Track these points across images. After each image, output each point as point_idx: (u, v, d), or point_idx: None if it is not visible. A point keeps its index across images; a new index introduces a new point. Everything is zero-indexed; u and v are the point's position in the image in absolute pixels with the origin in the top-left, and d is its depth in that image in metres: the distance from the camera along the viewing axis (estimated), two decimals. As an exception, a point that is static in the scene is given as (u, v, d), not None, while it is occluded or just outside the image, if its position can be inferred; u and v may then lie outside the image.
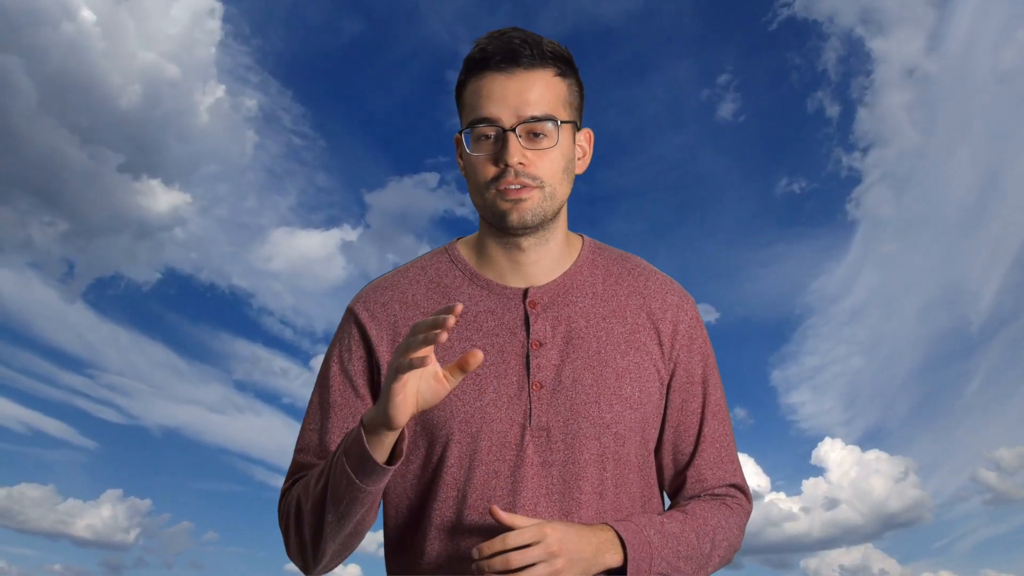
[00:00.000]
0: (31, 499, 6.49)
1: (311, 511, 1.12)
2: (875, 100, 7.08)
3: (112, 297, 7.29)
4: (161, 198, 7.08)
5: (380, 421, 1.00)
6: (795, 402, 7.08)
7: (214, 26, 6.98)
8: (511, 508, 1.13)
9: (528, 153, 1.16)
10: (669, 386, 1.27)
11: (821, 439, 6.87)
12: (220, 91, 7.12)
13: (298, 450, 1.25)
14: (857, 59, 7.03)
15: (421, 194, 7.10)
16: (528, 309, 1.22)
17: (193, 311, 7.40)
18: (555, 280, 1.25)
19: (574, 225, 1.34)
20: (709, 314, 6.34)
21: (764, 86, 7.36)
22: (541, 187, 1.17)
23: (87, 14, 6.64)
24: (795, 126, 7.31)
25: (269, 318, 7.26)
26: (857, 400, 7.28)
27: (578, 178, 1.27)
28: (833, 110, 7.07)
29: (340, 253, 7.32)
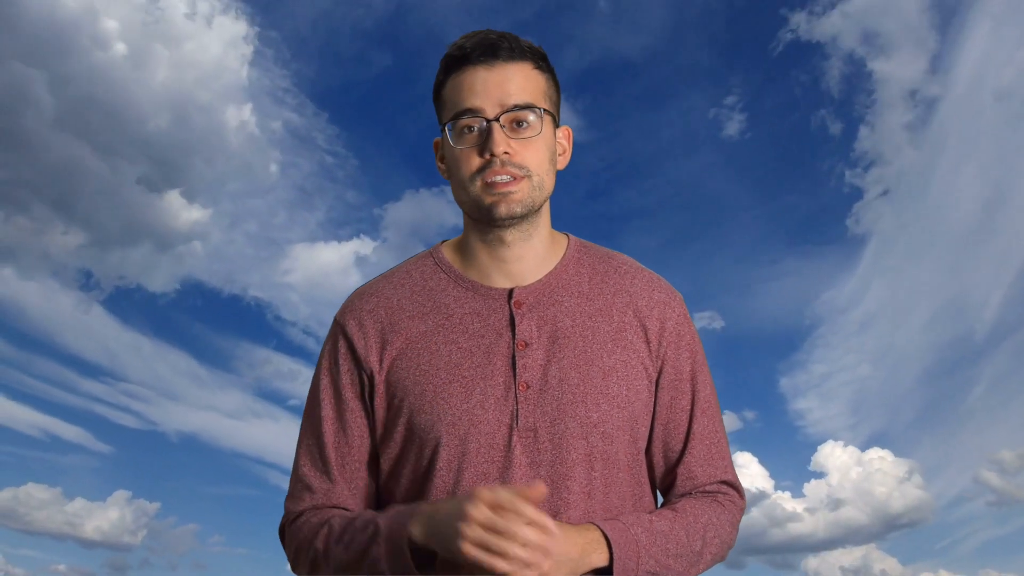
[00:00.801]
0: (38, 500, 6.53)
1: (333, 572, 1.14)
2: (876, 119, 7.15)
3: (131, 306, 7.38)
4: (181, 213, 7.17)
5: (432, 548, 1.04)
6: (803, 408, 7.14)
7: (246, 51, 7.07)
8: None
9: (513, 143, 1.16)
10: (657, 384, 1.26)
11: (826, 442, 6.91)
12: (247, 112, 7.23)
13: (298, 468, 1.26)
14: (859, 79, 7.10)
15: (441, 205, 7.17)
16: (513, 309, 1.21)
17: (215, 321, 7.53)
18: (540, 280, 1.24)
19: (592, 240, 1.34)
20: (715, 321, 6.40)
21: (769, 105, 7.57)
22: (529, 176, 1.17)
23: (120, 47, 6.70)
24: (799, 143, 7.46)
25: (292, 328, 7.35)
26: (863, 406, 7.35)
27: (598, 196, 1.29)
28: (835, 128, 7.12)
29: (355, 266, 7.41)
